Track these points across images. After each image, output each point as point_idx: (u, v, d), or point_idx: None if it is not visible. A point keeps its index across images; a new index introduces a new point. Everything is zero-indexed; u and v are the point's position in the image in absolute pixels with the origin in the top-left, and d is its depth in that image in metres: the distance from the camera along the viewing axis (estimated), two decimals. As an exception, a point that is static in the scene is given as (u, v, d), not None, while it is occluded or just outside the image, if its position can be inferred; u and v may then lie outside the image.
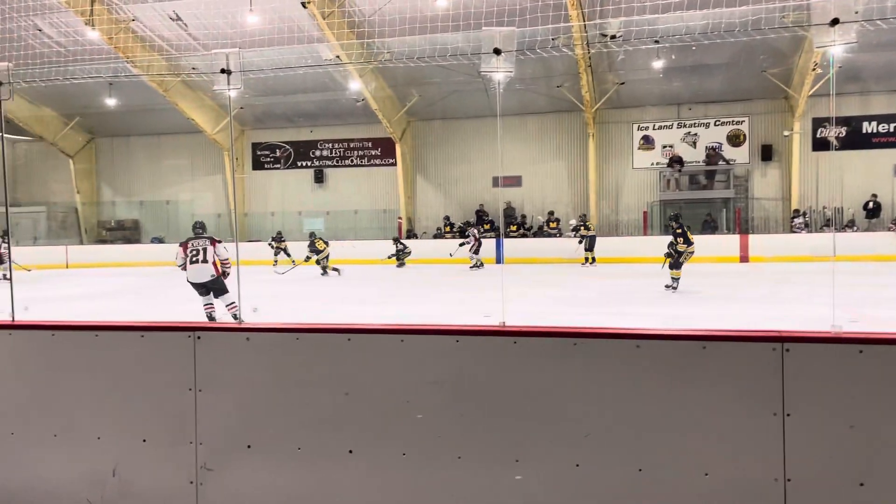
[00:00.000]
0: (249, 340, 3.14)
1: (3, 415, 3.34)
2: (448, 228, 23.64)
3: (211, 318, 8.77)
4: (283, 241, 20.37)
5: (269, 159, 25.86)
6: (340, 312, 10.09)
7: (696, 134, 22.65)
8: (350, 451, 2.97)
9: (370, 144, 25.07)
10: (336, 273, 17.31)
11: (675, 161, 22.30)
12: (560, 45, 15.06)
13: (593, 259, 19.06)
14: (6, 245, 17.82)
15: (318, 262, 17.49)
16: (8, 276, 16.43)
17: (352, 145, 25.32)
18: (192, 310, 8.89)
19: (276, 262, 19.70)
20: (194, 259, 8.83)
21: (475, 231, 19.18)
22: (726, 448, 2.69)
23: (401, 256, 20.03)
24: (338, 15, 17.53)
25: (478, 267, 18.53)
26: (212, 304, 8.86)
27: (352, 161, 25.40)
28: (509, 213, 23.61)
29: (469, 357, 2.90)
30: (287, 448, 3.04)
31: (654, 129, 22.98)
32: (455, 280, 16.16)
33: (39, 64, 18.34)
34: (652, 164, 22.92)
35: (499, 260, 20.83)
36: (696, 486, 2.69)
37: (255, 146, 25.83)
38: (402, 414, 2.95)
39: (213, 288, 8.83)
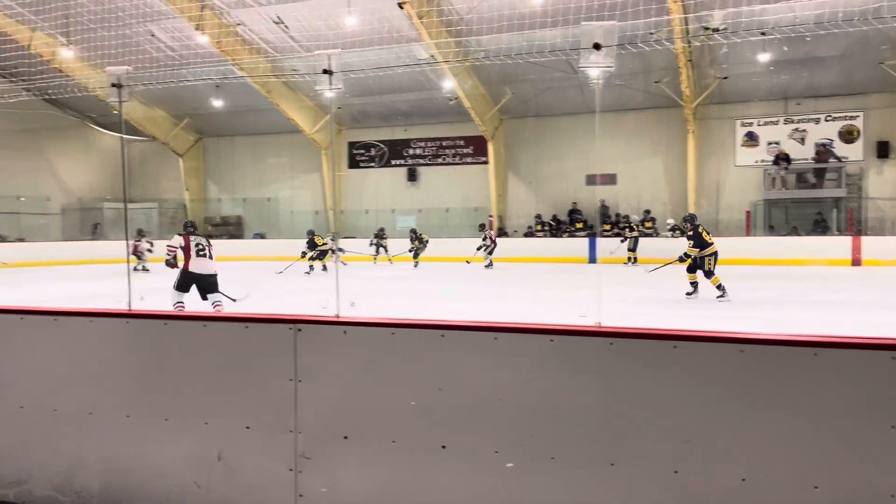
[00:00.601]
0: (347, 334, 3.22)
1: (121, 397, 3.56)
2: (539, 227, 23.45)
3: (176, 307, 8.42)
4: (385, 237, 20.99)
5: (364, 158, 26.45)
6: (434, 309, 10.19)
7: (804, 130, 21.48)
8: (443, 447, 2.99)
9: (462, 143, 25.20)
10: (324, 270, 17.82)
11: (782, 158, 21.22)
12: (661, 38, 14.62)
13: (635, 259, 19.29)
14: (148, 241, 19.09)
15: (312, 258, 17.86)
16: (145, 268, 17.68)
17: (444, 144, 25.53)
18: (292, 303, 9.22)
19: (374, 258, 20.51)
20: (201, 252, 8.74)
21: (491, 233, 19.52)
22: (838, 460, 2.53)
23: (418, 252, 20.15)
24: (433, 14, 17.70)
25: (489, 267, 18.71)
26: (183, 303, 8.55)
27: (444, 159, 25.61)
28: (603, 211, 23.16)
29: (563, 357, 2.86)
30: (382, 440, 3.09)
31: (758, 125, 21.96)
32: (548, 279, 16.02)
33: (153, 68, 19.48)
34: (756, 161, 21.91)
35: (592, 259, 20.49)
36: (806, 499, 2.55)
37: (352, 145, 26.47)
38: (495, 412, 2.94)
39: (210, 283, 8.63)
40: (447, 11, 17.95)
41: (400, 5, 16.86)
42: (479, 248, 19.07)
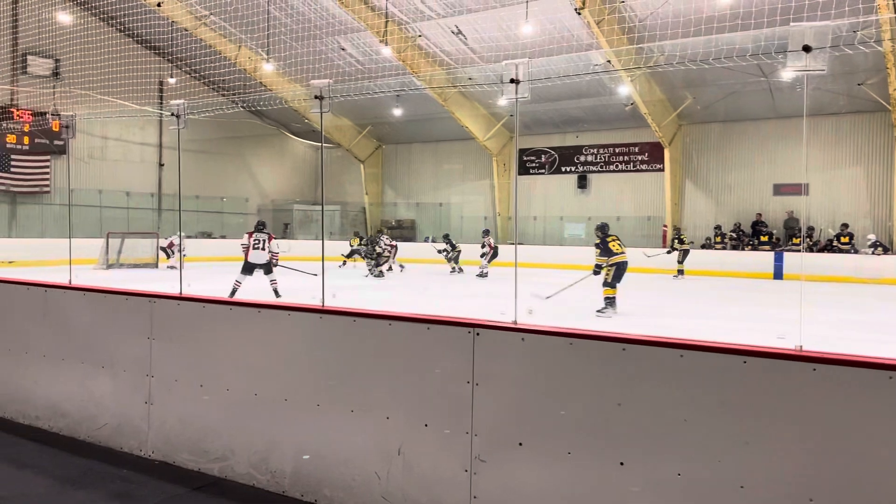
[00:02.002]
0: (524, 341, 3.23)
1: (312, 387, 3.83)
2: (718, 238, 22.15)
3: (234, 291, 11.57)
4: (452, 241, 21.38)
5: (534, 164, 26.45)
6: (610, 322, 9.96)
7: None
8: (621, 463, 2.91)
9: (636, 149, 24.43)
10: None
11: None
12: (867, 39, 13.28)
13: (681, 272, 18.92)
14: (367, 245, 20.53)
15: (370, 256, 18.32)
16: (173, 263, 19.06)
17: (617, 150, 24.89)
18: (468, 305, 9.44)
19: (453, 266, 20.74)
20: (256, 246, 11.99)
21: (490, 240, 18.86)
22: None
23: (449, 256, 19.89)
24: (611, 21, 17.33)
25: (482, 276, 17.96)
26: (241, 282, 11.81)
27: (616, 166, 24.98)
28: (791, 223, 21.42)
29: (758, 381, 2.68)
30: (557, 450, 3.07)
31: (984, 130, 19.26)
32: (729, 294, 15.11)
33: (343, 80, 20.80)
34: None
35: (777, 275, 19.03)
36: None
37: (522, 152, 26.59)
38: (679, 432, 2.82)
39: (263, 267, 11.99)
40: (625, 18, 17.49)
41: (577, 11, 16.69)
42: (481, 256, 18.65)
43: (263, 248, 12.13)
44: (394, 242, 20.24)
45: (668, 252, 19.12)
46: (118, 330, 4.68)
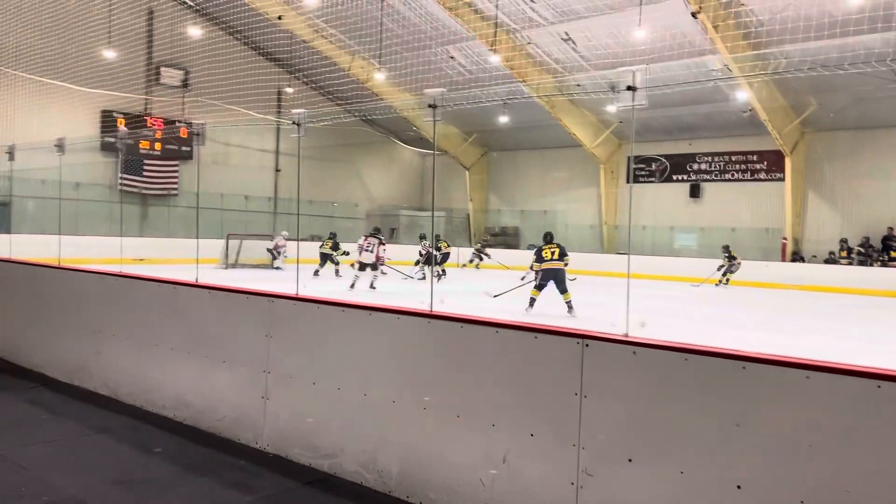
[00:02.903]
0: (636, 354, 3.15)
1: (420, 390, 3.89)
2: (844, 253, 20.75)
3: (353, 284, 14.19)
4: (488, 246, 21.06)
5: (644, 172, 25.74)
6: (725, 336, 9.55)
7: None
8: (738, 487, 2.78)
9: (755, 157, 23.30)
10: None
11: None
12: None
13: (726, 281, 18.82)
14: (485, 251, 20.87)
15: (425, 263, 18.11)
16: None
17: (733, 158, 23.84)
18: (577, 315, 9.34)
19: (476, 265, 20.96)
20: (366, 248, 14.33)
21: (426, 243, 18.71)
22: None
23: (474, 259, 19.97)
24: (729, 27, 16.61)
25: (422, 278, 17.40)
26: (358, 276, 14.40)
27: (732, 175, 23.92)
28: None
29: (893, 408, 2.49)
30: (669, 469, 2.97)
31: None
32: (855, 312, 14.14)
33: (451, 88, 21.05)
34: None
35: (910, 295, 17.63)
36: None
37: (631, 159, 25.94)
38: (802, 457, 2.66)
39: (369, 266, 14.29)
40: (746, 23, 16.71)
41: (694, 15, 16.14)
42: (416, 263, 18.73)
43: (371, 251, 14.24)
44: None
45: (719, 269, 18.78)
46: (239, 327, 4.94)
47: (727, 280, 19.03)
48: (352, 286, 14.27)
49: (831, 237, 21.47)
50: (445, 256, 19.38)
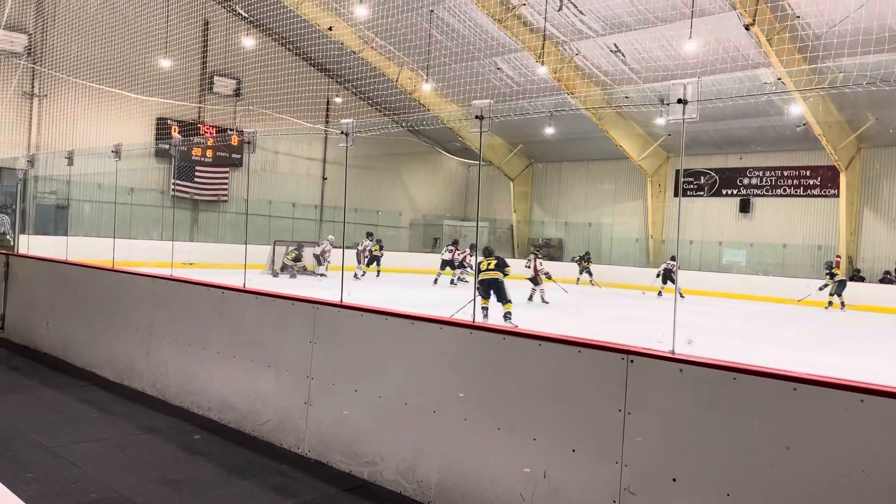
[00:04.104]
0: (682, 372, 3.09)
1: (461, 401, 3.88)
2: (901, 273, 20.05)
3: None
4: (590, 260, 20.92)
5: (692, 186, 25.32)
6: (775, 356, 9.30)
7: None
8: (787, 512, 2.70)
9: (808, 173, 22.71)
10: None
11: None
12: None
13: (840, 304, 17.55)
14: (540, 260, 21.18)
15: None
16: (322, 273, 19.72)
17: (786, 173, 23.27)
18: (619, 329, 9.21)
19: (577, 279, 21.39)
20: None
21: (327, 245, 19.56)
22: None
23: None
24: (784, 40, 16.25)
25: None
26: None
27: (784, 190, 23.34)
28: None
29: (955, 436, 2.39)
30: (715, 491, 2.90)
31: None
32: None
33: (497, 99, 21.09)
34: None
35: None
36: None
37: (679, 173, 25.54)
38: (856, 484, 2.57)
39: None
40: (801, 37, 16.33)
41: (747, 28, 15.85)
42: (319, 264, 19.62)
43: (529, 266, 15.39)
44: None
45: (821, 289, 17.82)
46: (284, 332, 5.01)
47: (843, 304, 17.52)
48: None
49: (887, 256, 20.77)
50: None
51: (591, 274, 22.53)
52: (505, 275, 11.51)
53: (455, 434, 3.87)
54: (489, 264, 11.73)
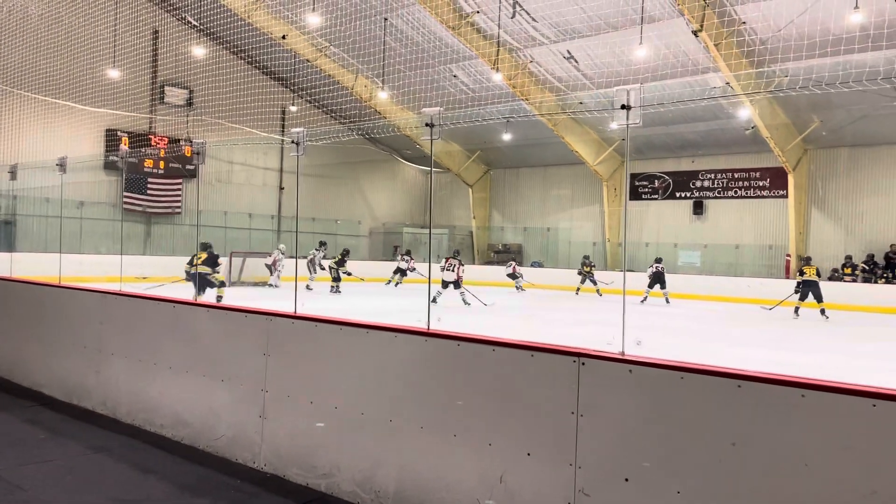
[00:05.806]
0: (632, 373, 3.14)
1: (416, 409, 3.88)
2: (848, 270, 20.68)
3: (434, 299, 14.11)
4: (592, 265, 21.03)
5: (646, 190, 25.78)
6: (725, 354, 9.51)
7: None
8: (735, 507, 2.76)
9: (757, 174, 23.33)
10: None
11: None
12: None
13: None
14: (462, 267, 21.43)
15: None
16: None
17: (736, 175, 23.87)
18: (573, 333, 9.29)
19: (578, 289, 21.12)
20: (447, 269, 15.69)
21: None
22: None
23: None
24: (730, 44, 16.69)
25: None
26: (441, 292, 15.34)
27: (735, 192, 23.92)
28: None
29: (890, 427, 2.47)
30: (666, 489, 2.95)
31: None
32: (860, 331, 14.06)
33: (454, 107, 21.17)
34: None
35: (914, 312, 17.54)
36: None
37: (634, 176, 26.00)
38: (799, 478, 2.64)
39: (452, 284, 15.38)
40: (748, 40, 16.80)
41: (694, 33, 16.23)
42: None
43: (452, 270, 15.61)
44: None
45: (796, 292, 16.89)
46: (237, 345, 4.94)
47: (822, 311, 15.55)
48: (433, 300, 14.87)
49: (834, 254, 21.43)
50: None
51: (595, 282, 20.52)
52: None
53: (412, 442, 3.85)
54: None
